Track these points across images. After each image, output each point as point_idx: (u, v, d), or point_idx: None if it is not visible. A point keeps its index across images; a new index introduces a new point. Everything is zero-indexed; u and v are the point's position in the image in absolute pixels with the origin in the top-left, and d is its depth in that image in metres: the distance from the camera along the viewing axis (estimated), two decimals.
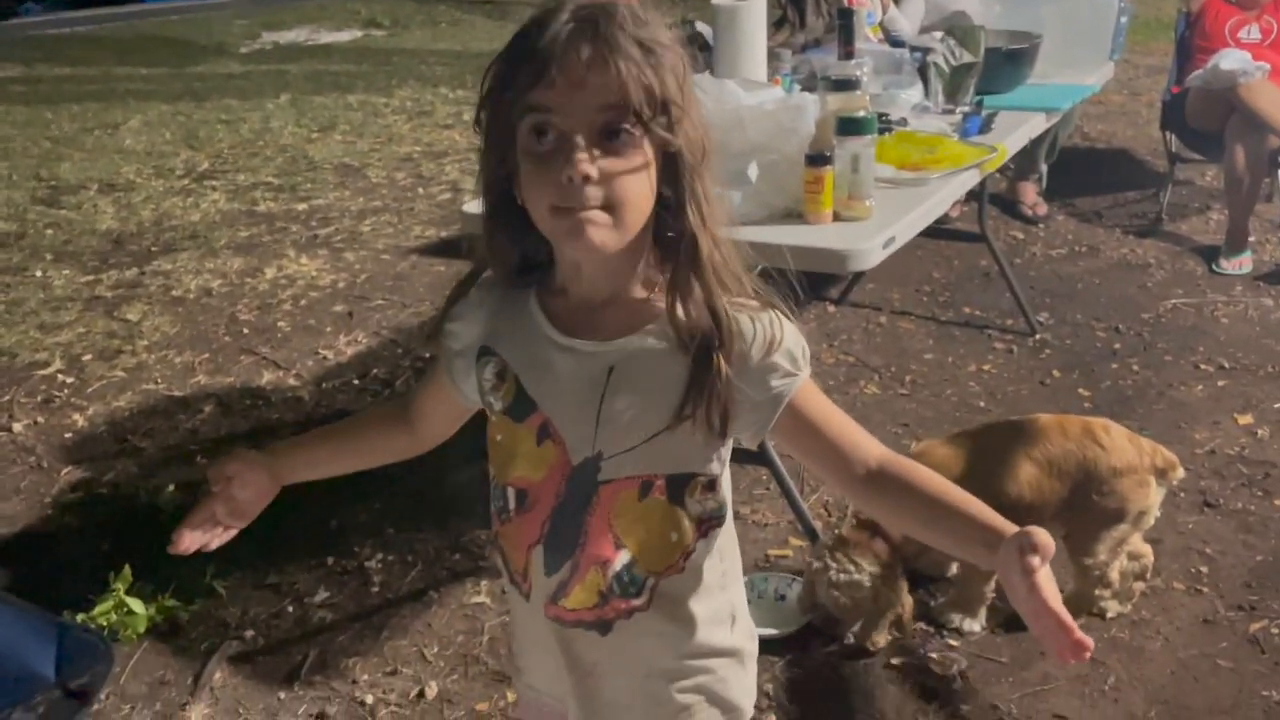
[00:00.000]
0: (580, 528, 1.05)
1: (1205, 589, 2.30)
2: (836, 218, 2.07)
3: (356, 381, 3.42)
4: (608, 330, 1.02)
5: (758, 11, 2.57)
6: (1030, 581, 0.87)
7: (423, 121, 7.05)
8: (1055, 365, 3.36)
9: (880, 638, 2.12)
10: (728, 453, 1.09)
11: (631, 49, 0.90)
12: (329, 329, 3.83)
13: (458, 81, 8.21)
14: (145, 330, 3.87)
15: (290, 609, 2.36)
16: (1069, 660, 0.87)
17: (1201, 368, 3.30)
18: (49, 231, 5.03)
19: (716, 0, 2.58)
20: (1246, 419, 2.98)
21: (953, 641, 2.18)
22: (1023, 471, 2.06)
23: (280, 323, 3.90)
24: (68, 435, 3.16)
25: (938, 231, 3.38)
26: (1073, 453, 2.08)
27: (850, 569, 2.07)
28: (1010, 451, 2.08)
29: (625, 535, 1.05)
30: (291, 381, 3.44)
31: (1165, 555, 2.37)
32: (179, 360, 3.62)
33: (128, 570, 2.31)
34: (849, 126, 2.04)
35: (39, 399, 3.39)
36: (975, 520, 0.96)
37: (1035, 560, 0.87)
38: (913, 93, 2.72)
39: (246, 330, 3.85)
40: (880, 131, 2.25)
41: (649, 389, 1.01)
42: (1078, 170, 5.09)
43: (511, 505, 1.09)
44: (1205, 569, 2.36)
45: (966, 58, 2.83)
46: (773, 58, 2.77)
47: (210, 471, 1.14)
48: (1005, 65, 3.05)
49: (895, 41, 3.21)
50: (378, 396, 3.31)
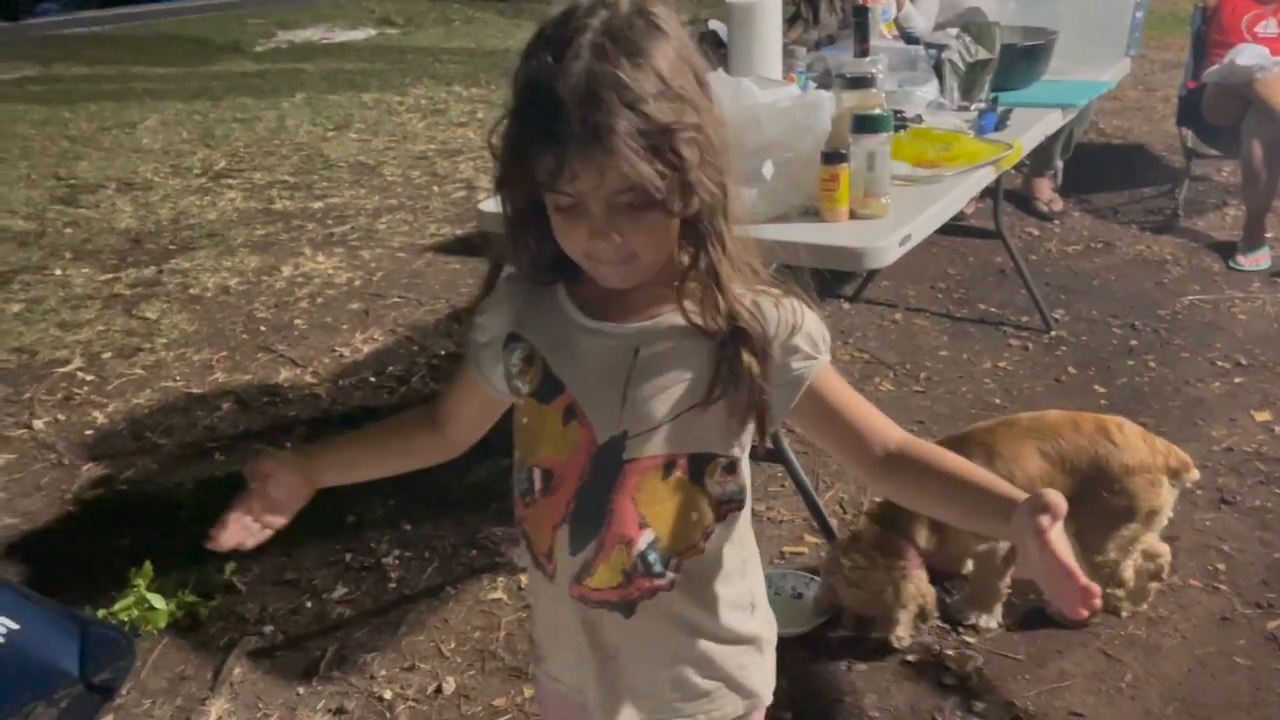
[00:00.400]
0: (605, 506, 1.07)
1: (1223, 586, 2.30)
2: (852, 215, 2.07)
3: (373, 379, 3.44)
4: (634, 312, 1.06)
5: (772, 9, 2.57)
6: (1042, 539, 0.89)
7: (437, 120, 7.06)
8: (1071, 362, 3.35)
9: (904, 632, 2.12)
10: (748, 438, 1.11)
11: (637, 147, 0.91)
12: (345, 327, 3.85)
13: (471, 80, 8.22)
14: (164, 328, 3.89)
15: (309, 604, 2.38)
16: (1081, 614, 0.89)
17: (1218, 364, 3.29)
18: (68, 230, 5.07)
19: None
20: (1264, 416, 2.97)
21: (969, 638, 2.18)
22: (1034, 466, 2.06)
23: (297, 320, 3.92)
24: (88, 433, 3.19)
25: (953, 228, 3.37)
26: (1085, 449, 2.08)
27: (865, 565, 2.07)
28: (1022, 446, 2.08)
29: (649, 514, 1.07)
30: (308, 379, 3.46)
31: (1182, 553, 2.37)
32: (197, 358, 3.65)
33: (148, 566, 2.34)
34: (864, 124, 2.04)
35: (59, 396, 3.42)
36: (989, 493, 1.00)
37: (1046, 520, 0.89)
38: (928, 90, 2.71)
39: (264, 328, 3.87)
40: (895, 129, 2.24)
41: (674, 370, 1.04)
42: (1093, 166, 5.07)
43: (537, 486, 1.11)
44: (1223, 566, 2.36)
45: (982, 54, 2.82)
46: (787, 55, 2.76)
47: (247, 469, 1.16)
48: (1021, 62, 3.04)
49: (910, 38, 3.20)
50: (394, 394, 3.33)
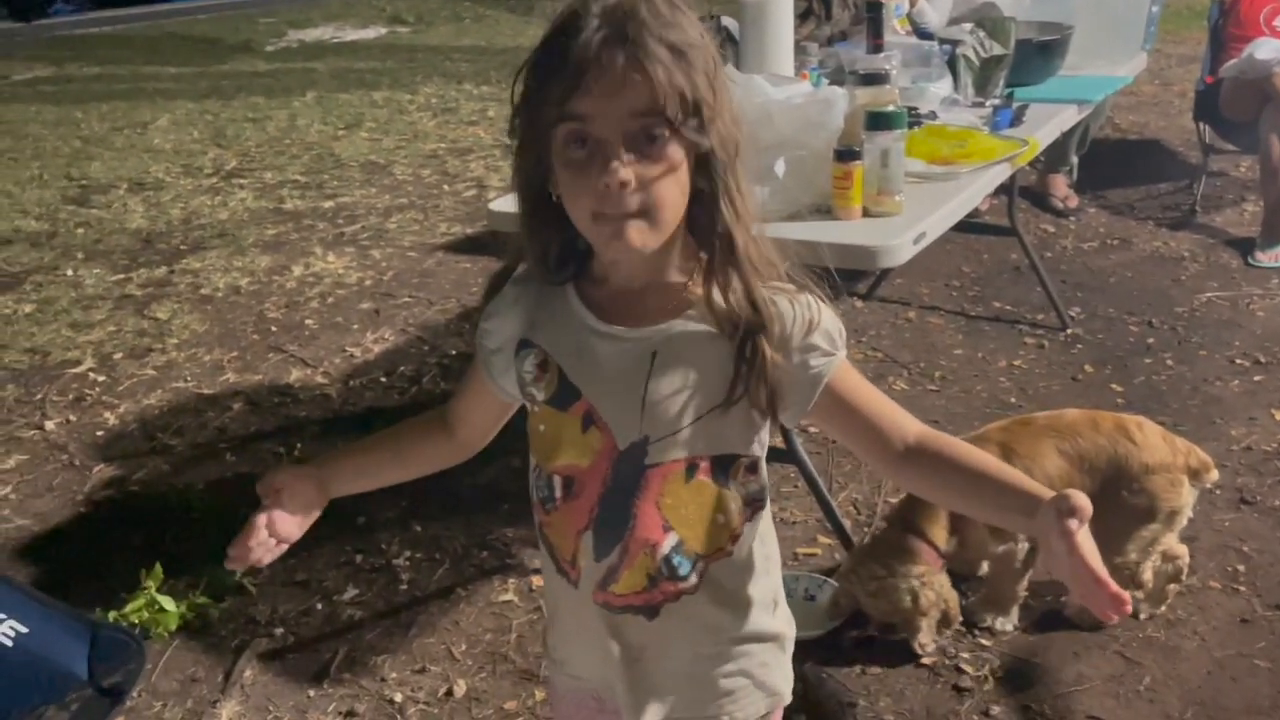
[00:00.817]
0: (629, 511, 1.06)
1: (1242, 588, 2.27)
2: (866, 213, 2.04)
3: (383, 379, 3.43)
4: (648, 316, 1.04)
5: (784, 5, 2.55)
6: (1070, 543, 0.89)
7: (448, 118, 7.06)
8: (1087, 360, 3.32)
9: (927, 639, 2.09)
10: (767, 435, 1.11)
11: (662, 53, 0.91)
12: (356, 326, 3.84)
13: (482, 78, 8.22)
14: (175, 328, 3.89)
15: (319, 606, 2.37)
16: (1110, 618, 0.90)
17: (1237, 362, 3.25)
18: (80, 230, 5.08)
19: None
20: None
21: (985, 641, 2.15)
22: (1053, 466, 2.03)
23: (308, 320, 3.92)
24: (99, 433, 3.19)
25: (967, 226, 3.34)
26: (1104, 448, 2.05)
27: (884, 574, 2.04)
28: (1040, 446, 2.05)
29: (673, 518, 1.06)
30: (319, 379, 3.45)
31: (1201, 554, 2.34)
32: (208, 358, 3.65)
33: (159, 568, 2.33)
34: (878, 121, 2.01)
35: (71, 397, 3.42)
36: (1012, 487, 0.99)
37: (1074, 522, 0.89)
38: (942, 86, 2.69)
39: (274, 328, 3.87)
40: (909, 125, 2.22)
41: (693, 372, 1.03)
42: (1109, 162, 5.02)
43: (558, 493, 1.09)
44: (1242, 567, 2.33)
45: (996, 50, 2.79)
46: (800, 52, 2.74)
47: (259, 485, 1.13)
48: (1036, 57, 3.01)
49: (924, 34, 3.17)
50: (405, 394, 3.32)
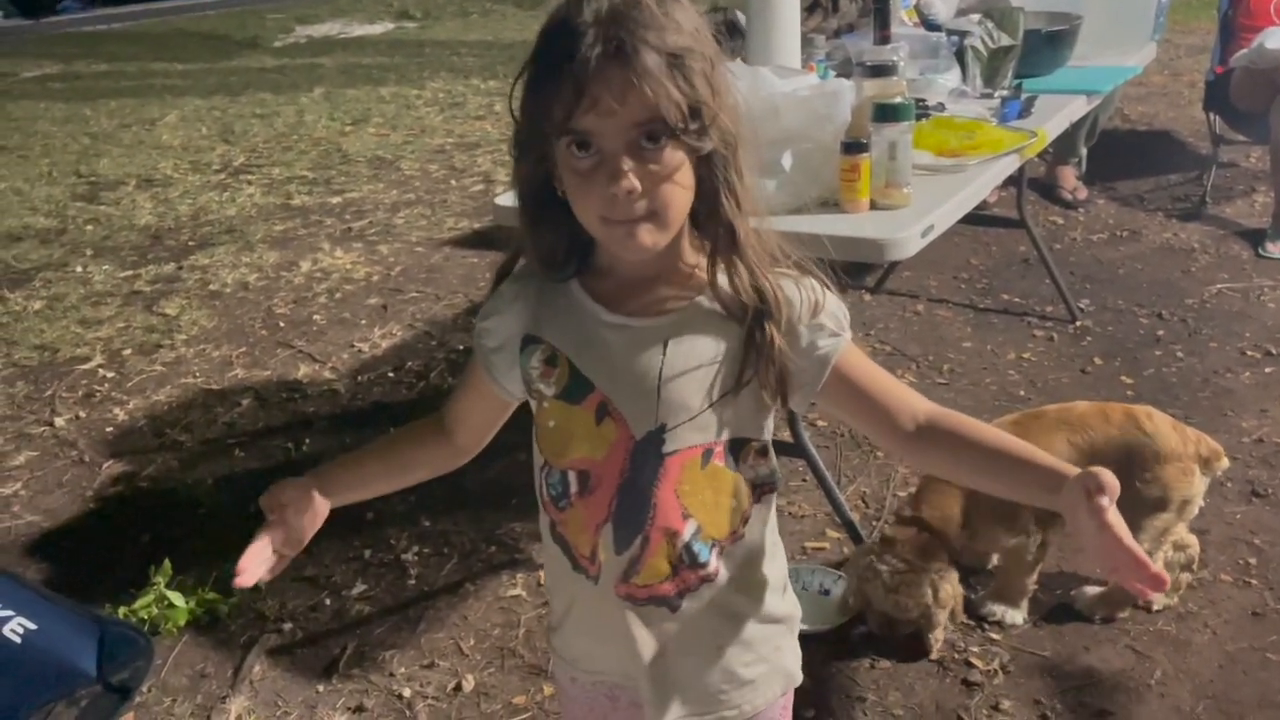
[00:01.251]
0: (648, 501, 1.06)
1: (1254, 580, 2.25)
2: (873, 206, 2.03)
3: (391, 374, 3.43)
4: (658, 305, 1.05)
5: None
6: (1100, 520, 0.89)
7: (455, 113, 7.05)
8: (1097, 353, 3.30)
9: (941, 633, 2.08)
10: (773, 419, 1.12)
11: (659, 66, 0.92)
12: (364, 322, 3.84)
13: (489, 73, 8.21)
14: (183, 324, 3.90)
15: (328, 601, 2.38)
16: (1148, 595, 0.92)
17: (1248, 354, 3.23)
18: (89, 227, 5.09)
19: None
20: None
21: (994, 635, 2.14)
22: (1064, 458, 2.02)
23: (316, 316, 3.92)
24: (109, 429, 3.20)
25: (975, 218, 3.33)
26: (1115, 439, 2.04)
27: (903, 568, 2.03)
28: (1051, 438, 2.04)
29: (691, 504, 1.07)
30: (327, 375, 3.46)
31: (1212, 546, 2.32)
32: (216, 354, 3.65)
33: (168, 564, 2.33)
34: (885, 113, 2.01)
35: (80, 394, 3.43)
36: (1033, 463, 1.00)
37: (1104, 499, 0.89)
38: (950, 77, 2.67)
39: (283, 324, 3.87)
40: (917, 117, 2.21)
41: (705, 358, 1.04)
42: (1118, 153, 4.99)
43: (573, 489, 1.09)
44: (1254, 560, 2.31)
45: (1005, 40, 2.78)
46: (806, 44, 2.73)
47: (264, 501, 1.12)
48: (1045, 47, 3.00)
49: (931, 25, 3.15)
50: (412, 389, 3.32)
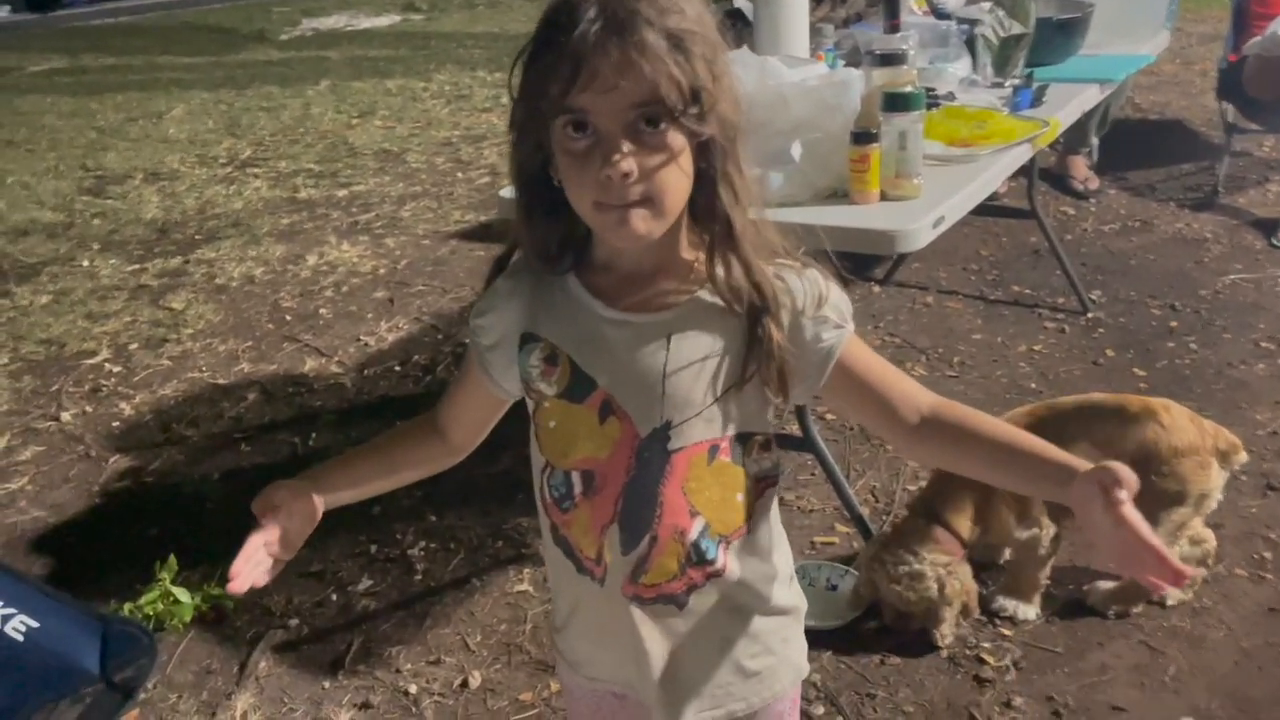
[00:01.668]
0: (655, 499, 1.04)
1: (1269, 575, 2.23)
2: (883, 197, 2.00)
3: (398, 368, 3.41)
4: (659, 300, 1.03)
5: None
6: (1117, 515, 0.88)
7: (461, 106, 7.03)
8: (1109, 344, 3.27)
9: (949, 630, 2.06)
10: (775, 412, 1.10)
11: (659, 44, 0.90)
12: (370, 315, 3.83)
13: (496, 65, 8.18)
14: (190, 319, 3.89)
15: (334, 597, 2.36)
16: (1165, 590, 0.92)
17: (1262, 345, 3.20)
18: (95, 221, 5.09)
19: None
20: None
21: (1006, 631, 2.12)
22: (1079, 451, 1.97)
23: (322, 310, 3.91)
24: (115, 424, 3.19)
25: (985, 208, 3.28)
26: (1132, 432, 2.01)
27: (910, 561, 2.01)
28: (1066, 431, 2.01)
29: (698, 501, 1.05)
30: (333, 368, 3.44)
31: (1227, 541, 2.29)
32: (223, 348, 3.64)
33: (173, 559, 2.32)
34: (895, 102, 1.97)
35: (87, 388, 3.42)
36: (1043, 457, 1.00)
37: (1122, 493, 0.88)
38: (960, 66, 2.64)
39: (289, 317, 3.86)
40: (927, 107, 2.18)
41: (709, 352, 1.02)
42: (1130, 143, 4.95)
43: (577, 490, 1.07)
44: (1269, 555, 2.29)
45: (1016, 29, 2.74)
46: (815, 33, 2.69)
47: (256, 505, 1.10)
48: (1056, 36, 2.95)
49: (941, 13, 3.11)
50: (419, 383, 3.31)
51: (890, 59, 2.14)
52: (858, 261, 3.62)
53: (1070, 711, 1.93)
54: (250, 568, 1.08)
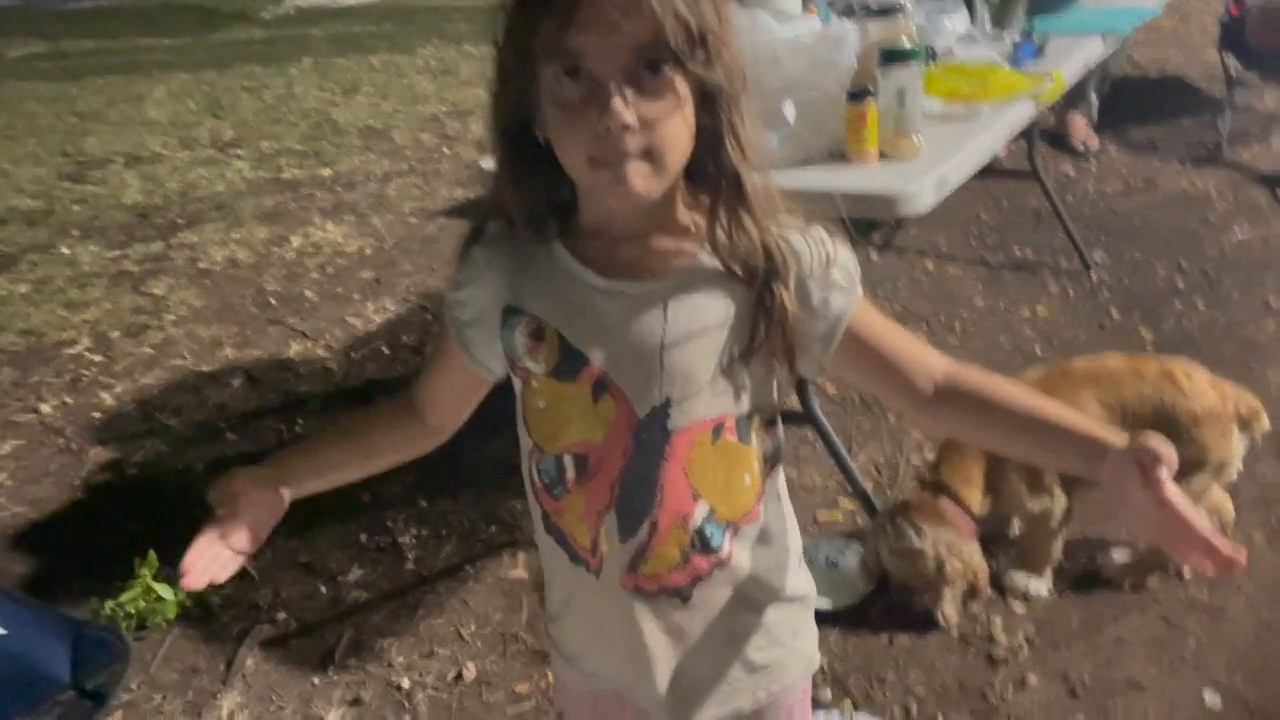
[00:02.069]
0: (655, 484, 0.96)
1: None
2: (882, 157, 1.92)
3: (386, 350, 3.33)
4: (654, 267, 0.94)
5: None
6: (1160, 496, 0.82)
7: (447, 80, 6.91)
8: (1114, 306, 3.19)
9: (951, 610, 1.99)
10: (781, 386, 1.03)
11: None
12: (357, 297, 3.74)
13: (481, 37, 7.89)
14: (172, 304, 3.80)
15: (323, 589, 2.29)
16: (1210, 571, 0.83)
17: (1271, 304, 3.12)
18: (75, 207, 4.98)
19: None
20: None
21: (1018, 607, 2.05)
22: (1092, 417, 1.91)
23: (308, 292, 3.82)
24: (96, 415, 3.11)
25: (984, 170, 3.19)
26: (1149, 397, 1.93)
27: (911, 536, 1.94)
28: (1079, 396, 1.93)
29: (701, 484, 0.98)
30: (320, 352, 3.36)
31: (1243, 507, 2.21)
32: (206, 334, 3.55)
33: (153, 556, 2.24)
34: (892, 57, 1.88)
35: (67, 379, 3.34)
36: (1071, 431, 0.92)
37: (1163, 472, 0.82)
38: (957, 20, 2.54)
39: (274, 301, 3.77)
40: (926, 62, 2.08)
41: (711, 323, 0.94)
42: (1129, 100, 4.84)
43: (570, 475, 0.99)
44: None
45: None
46: None
47: (212, 494, 1.02)
48: None
49: None
50: (408, 365, 3.22)
51: (886, 11, 2.06)
52: (855, 227, 3.53)
53: (1086, 689, 1.86)
54: (205, 563, 1.00)
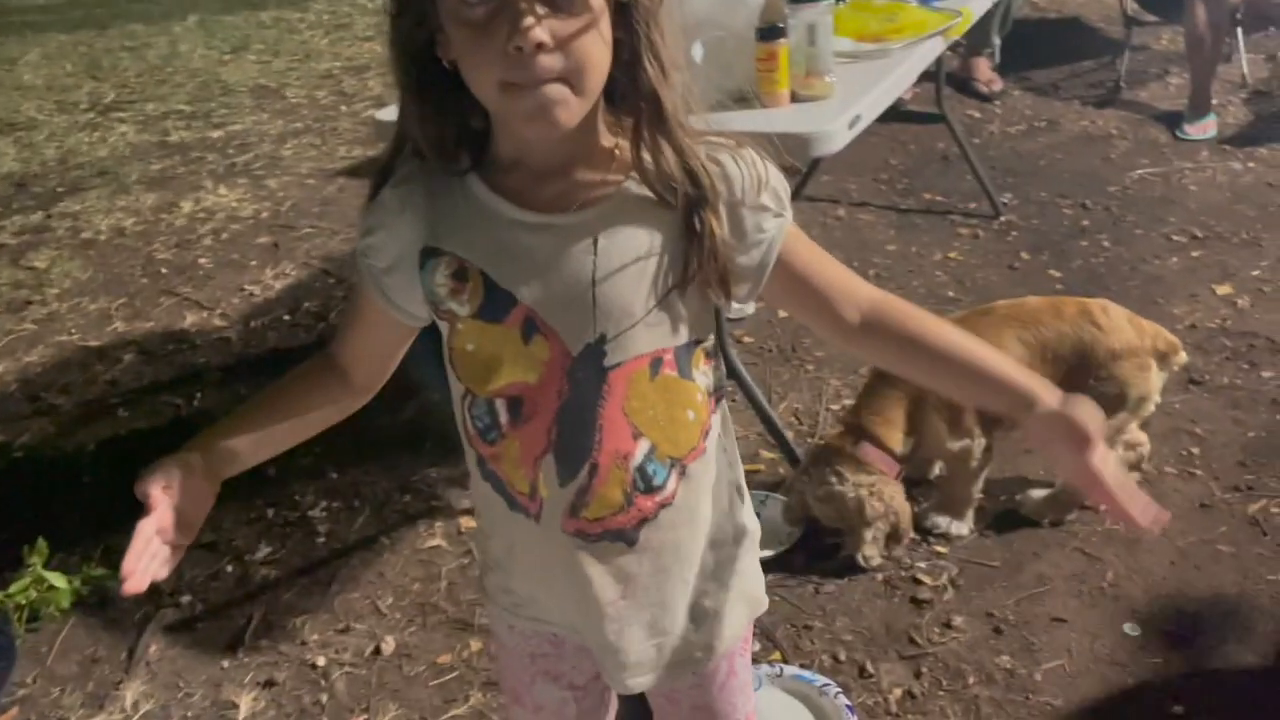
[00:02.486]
0: (593, 424, 0.92)
1: (1199, 471, 2.20)
2: (794, 98, 1.87)
3: (287, 317, 3.19)
4: (579, 197, 0.89)
5: None
6: (1090, 471, 0.87)
7: (342, 35, 6.68)
8: (1023, 247, 3.22)
9: (872, 551, 1.98)
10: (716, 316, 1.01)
11: None
12: (254, 263, 3.58)
13: None
14: (55, 278, 3.60)
15: (229, 569, 2.19)
16: (1141, 527, 0.90)
17: (1174, 239, 3.18)
18: None
19: None
20: (1225, 289, 2.87)
21: (940, 549, 2.05)
22: (1014, 356, 1.90)
23: (201, 259, 3.64)
24: None
25: (892, 114, 3.19)
26: (1068, 335, 1.94)
27: (832, 480, 1.93)
28: (1000, 336, 1.92)
29: (641, 421, 0.94)
30: (217, 322, 3.21)
31: (1154, 439, 2.24)
32: (93, 307, 3.37)
33: (42, 543, 2.11)
34: None
35: None
36: (997, 375, 0.94)
37: (1098, 453, 0.86)
38: None
39: (165, 270, 3.59)
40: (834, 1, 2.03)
41: (643, 252, 0.90)
42: (1030, 42, 4.88)
43: (503, 419, 0.94)
44: (1197, 450, 2.26)
45: None
46: None
47: (139, 488, 0.91)
48: None
49: None
50: (311, 331, 3.10)
51: None
52: None
53: (1011, 626, 1.87)
54: (146, 562, 0.89)
